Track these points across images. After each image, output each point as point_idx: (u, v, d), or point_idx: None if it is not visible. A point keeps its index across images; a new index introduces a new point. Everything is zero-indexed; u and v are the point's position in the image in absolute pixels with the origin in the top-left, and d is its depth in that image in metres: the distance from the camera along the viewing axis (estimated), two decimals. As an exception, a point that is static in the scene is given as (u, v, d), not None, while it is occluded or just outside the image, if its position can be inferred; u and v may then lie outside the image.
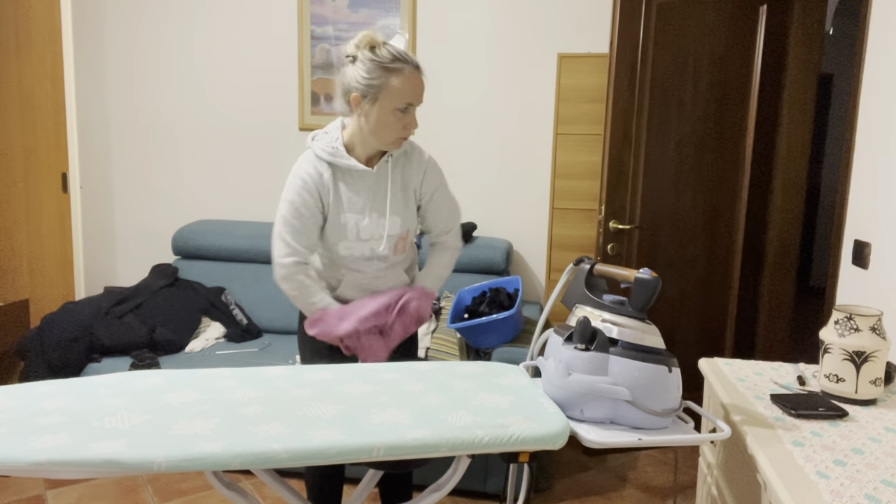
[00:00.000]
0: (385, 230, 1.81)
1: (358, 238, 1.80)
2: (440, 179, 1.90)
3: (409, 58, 1.69)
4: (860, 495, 1.07)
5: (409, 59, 1.69)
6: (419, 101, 1.72)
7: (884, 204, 2.00)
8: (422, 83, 1.72)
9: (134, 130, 3.66)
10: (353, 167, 1.76)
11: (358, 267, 1.84)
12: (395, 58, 1.67)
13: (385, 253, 1.83)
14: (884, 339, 1.47)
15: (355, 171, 1.78)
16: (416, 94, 1.70)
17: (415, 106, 1.72)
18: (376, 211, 1.80)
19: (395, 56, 1.67)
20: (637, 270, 1.36)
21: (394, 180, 1.83)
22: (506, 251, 3.15)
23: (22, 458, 1.05)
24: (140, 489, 2.61)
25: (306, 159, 1.79)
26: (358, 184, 1.79)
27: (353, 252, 1.81)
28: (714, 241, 3.06)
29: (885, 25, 2.06)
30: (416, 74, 1.69)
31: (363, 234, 1.80)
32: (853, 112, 2.22)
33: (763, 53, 2.96)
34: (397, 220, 1.83)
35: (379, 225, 1.80)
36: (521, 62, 3.29)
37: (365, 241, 1.80)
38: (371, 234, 1.81)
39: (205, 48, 3.54)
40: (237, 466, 1.09)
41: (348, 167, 1.76)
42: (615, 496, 2.63)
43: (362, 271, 1.85)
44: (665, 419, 1.30)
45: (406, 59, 1.68)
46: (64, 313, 2.82)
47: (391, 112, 1.69)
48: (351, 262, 1.83)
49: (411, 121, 1.73)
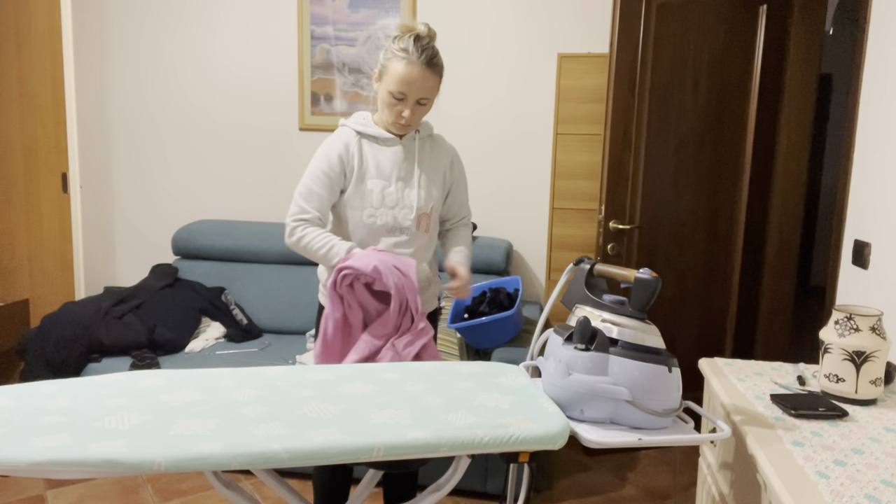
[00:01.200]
0: (410, 200, 1.86)
1: (383, 204, 1.85)
2: (463, 169, 2.02)
3: (418, 53, 1.75)
4: (860, 495, 1.07)
5: (416, 53, 1.75)
6: (414, 95, 1.77)
7: (884, 204, 2.00)
8: (420, 79, 1.76)
9: (134, 130, 3.66)
10: (380, 135, 1.86)
11: (379, 242, 1.86)
12: (404, 48, 1.76)
13: (408, 224, 1.86)
14: (884, 339, 1.47)
15: (381, 138, 1.87)
16: (409, 86, 1.76)
17: (409, 98, 1.78)
18: (402, 180, 1.87)
19: (406, 47, 1.76)
20: (637, 270, 1.36)
21: (421, 156, 1.91)
22: (506, 251, 3.15)
23: (22, 458, 1.05)
24: (140, 489, 2.61)
25: (338, 132, 1.90)
26: (385, 151, 1.87)
27: (377, 220, 1.85)
28: (714, 240, 3.06)
29: (885, 25, 2.06)
30: (417, 69, 1.75)
31: (388, 201, 1.85)
32: (853, 112, 2.22)
33: (763, 53, 2.96)
34: (423, 194, 1.89)
35: (405, 195, 1.86)
36: (521, 62, 3.29)
37: (390, 209, 1.85)
38: (396, 201, 1.86)
39: (205, 48, 3.54)
40: (237, 466, 1.09)
41: (376, 134, 1.86)
42: (615, 496, 2.63)
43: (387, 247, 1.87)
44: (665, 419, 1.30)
45: (414, 52, 1.75)
46: (64, 313, 2.82)
47: (387, 94, 1.79)
48: (373, 235, 1.85)
49: (407, 111, 1.79)
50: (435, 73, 1.80)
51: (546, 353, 1.43)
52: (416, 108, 1.81)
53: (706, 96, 2.91)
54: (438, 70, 1.81)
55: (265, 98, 3.53)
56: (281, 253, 3.29)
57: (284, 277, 3.26)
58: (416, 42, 1.76)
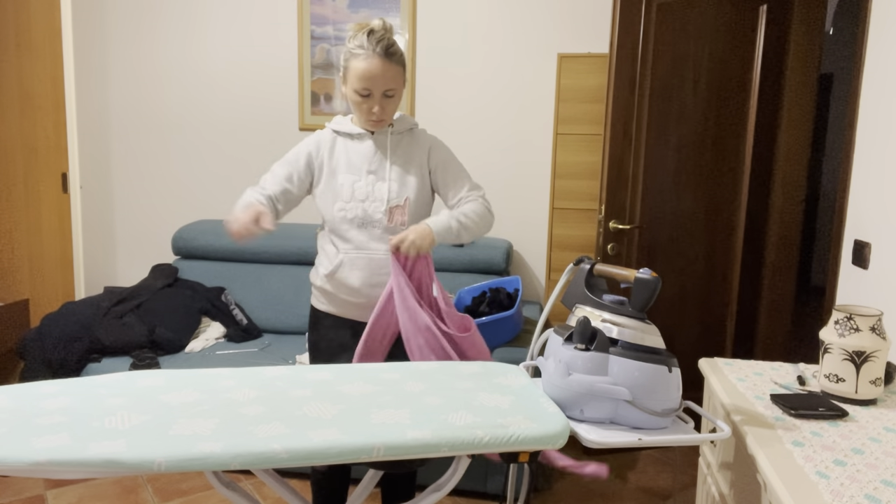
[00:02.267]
0: (381, 193, 1.86)
1: (353, 198, 1.86)
2: (448, 152, 1.98)
3: (374, 46, 1.75)
4: (860, 495, 1.07)
5: (372, 47, 1.75)
6: (378, 88, 1.78)
7: (884, 204, 2.00)
8: (381, 72, 1.76)
9: (134, 130, 3.66)
10: (353, 131, 1.89)
11: (353, 236, 1.86)
12: (359, 45, 1.76)
13: (379, 217, 1.86)
14: (884, 339, 1.47)
15: (354, 134, 1.90)
16: (372, 81, 1.76)
17: (374, 93, 1.79)
18: (373, 174, 1.88)
19: (361, 43, 1.76)
20: (637, 270, 1.36)
21: (394, 150, 1.91)
22: (506, 251, 3.15)
23: (22, 458, 1.05)
24: (140, 489, 2.61)
25: (315, 132, 1.96)
26: (357, 147, 1.90)
27: (348, 213, 1.86)
28: (714, 241, 3.06)
29: (885, 25, 2.06)
30: (375, 61, 1.75)
31: (358, 194, 1.86)
32: (853, 112, 2.22)
33: (763, 53, 2.96)
34: (394, 186, 1.88)
35: (375, 188, 1.87)
36: (521, 62, 3.29)
37: (360, 202, 1.86)
38: (367, 194, 1.87)
39: (205, 48, 3.54)
40: (237, 466, 1.09)
41: (349, 131, 1.90)
42: (615, 496, 2.63)
43: (356, 246, 1.87)
44: (665, 419, 1.30)
45: (370, 47, 1.75)
46: (64, 313, 2.82)
47: (353, 93, 1.81)
48: (345, 226, 1.87)
49: (376, 106, 1.80)
50: (395, 63, 1.79)
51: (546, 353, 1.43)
52: (385, 101, 1.81)
53: (706, 96, 2.91)
54: (398, 59, 1.80)
55: (265, 98, 3.53)
56: (281, 253, 3.29)
57: (284, 277, 3.26)
58: (370, 36, 1.76)
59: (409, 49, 3.35)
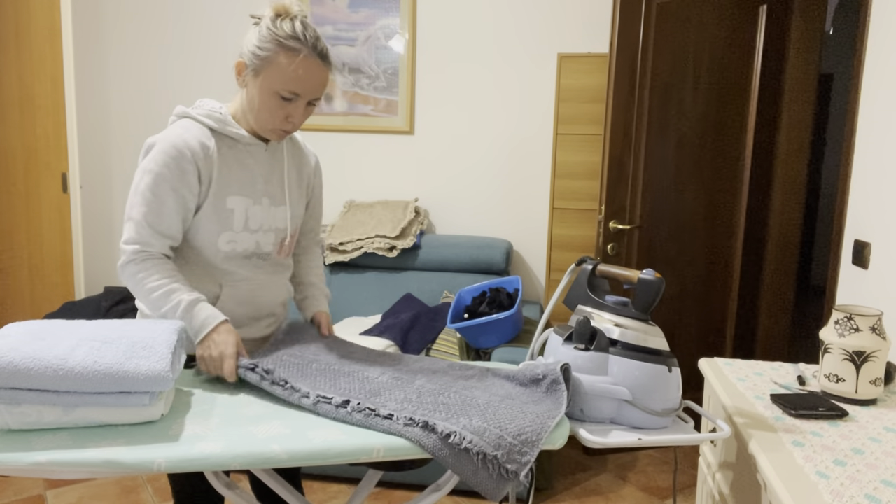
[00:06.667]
0: (277, 222, 1.55)
1: (245, 228, 1.49)
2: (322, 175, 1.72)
3: (313, 42, 1.40)
4: (860, 495, 1.07)
5: (310, 44, 1.39)
6: (311, 94, 1.43)
7: (884, 204, 2.00)
8: (319, 76, 1.42)
9: (134, 130, 3.66)
10: (244, 138, 1.47)
11: (236, 269, 1.51)
12: (293, 35, 1.37)
13: (269, 250, 1.55)
14: (884, 339, 1.47)
15: (245, 144, 1.49)
16: (305, 85, 1.40)
17: (304, 98, 1.42)
18: (268, 196, 1.52)
19: (296, 34, 1.38)
20: (640, 271, 1.36)
21: (289, 166, 1.58)
22: (506, 251, 3.15)
23: (22, 458, 1.05)
24: (140, 489, 2.61)
25: (183, 126, 1.44)
26: (248, 160, 1.49)
27: (237, 247, 1.49)
28: (714, 240, 3.06)
29: (885, 25, 2.06)
30: (313, 63, 1.40)
31: (251, 224, 1.50)
32: (853, 112, 2.22)
33: (763, 53, 2.96)
34: (289, 213, 1.57)
35: (270, 214, 1.53)
36: (521, 62, 3.29)
37: (252, 233, 1.51)
38: (260, 223, 1.52)
39: (204, 48, 3.54)
40: (237, 466, 1.09)
41: (238, 138, 1.47)
42: (615, 496, 2.63)
43: (242, 278, 1.53)
44: (665, 419, 1.30)
45: (308, 41, 1.39)
46: (64, 313, 2.82)
47: (272, 94, 1.41)
48: (228, 262, 1.50)
49: (296, 114, 1.44)
50: (329, 68, 1.45)
51: (546, 352, 1.43)
52: (307, 110, 1.46)
53: (706, 96, 2.91)
54: (330, 64, 1.45)
55: (265, 98, 3.53)
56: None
57: (284, 277, 3.25)
58: (299, 26, 1.39)
59: (409, 49, 3.35)
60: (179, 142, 1.41)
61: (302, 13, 1.42)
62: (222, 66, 3.54)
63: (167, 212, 1.40)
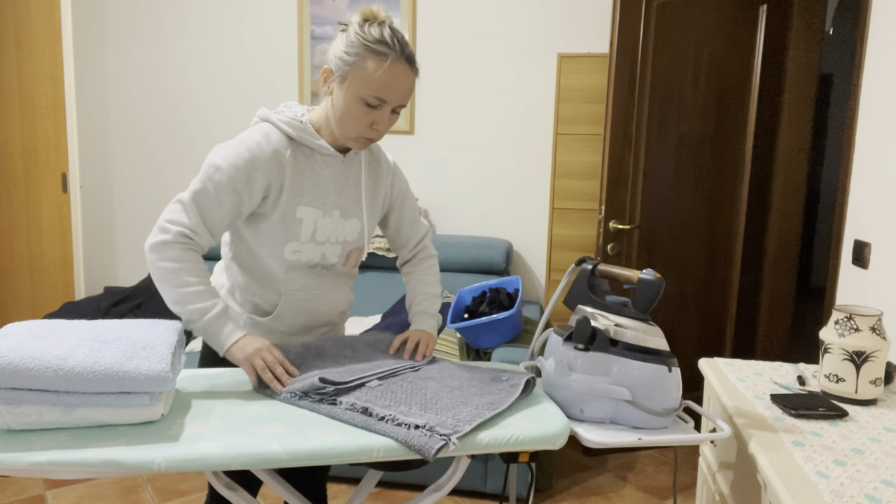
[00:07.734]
0: (346, 234, 1.52)
1: (312, 239, 1.48)
2: (406, 182, 1.67)
3: (400, 47, 1.37)
4: (860, 495, 1.07)
5: (398, 48, 1.36)
6: (397, 101, 1.40)
7: (884, 204, 2.00)
8: (407, 82, 1.39)
9: (134, 130, 3.66)
10: (322, 149, 1.45)
11: (297, 279, 1.50)
12: (381, 40, 1.35)
13: (335, 261, 1.54)
14: (884, 339, 1.47)
15: (323, 155, 1.47)
16: (392, 91, 1.37)
17: (390, 105, 1.39)
18: (339, 209, 1.49)
19: (384, 39, 1.35)
20: (640, 271, 1.36)
21: (366, 178, 1.55)
22: (506, 251, 3.15)
23: (22, 458, 1.05)
24: (140, 489, 2.61)
25: (262, 132, 1.43)
26: (323, 171, 1.47)
27: (301, 258, 1.48)
28: (714, 241, 3.06)
29: (885, 25, 2.06)
30: (401, 68, 1.37)
31: (319, 235, 1.48)
32: (853, 112, 2.22)
33: (763, 53, 2.96)
34: (361, 227, 1.55)
35: (339, 227, 1.50)
36: (521, 62, 3.29)
37: (319, 244, 1.49)
38: (328, 235, 1.49)
39: (205, 48, 3.54)
40: (237, 466, 1.10)
41: (316, 148, 1.45)
42: (615, 496, 2.63)
43: (303, 286, 1.52)
44: (665, 419, 1.30)
45: (395, 46, 1.36)
46: (64, 313, 2.82)
47: (357, 101, 1.37)
48: (291, 271, 1.49)
49: (382, 121, 1.41)
50: (415, 74, 1.42)
51: (546, 352, 1.43)
52: (391, 118, 1.42)
53: (706, 96, 2.91)
54: (417, 70, 1.43)
55: (265, 98, 3.53)
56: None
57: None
58: (393, 34, 1.37)
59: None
60: (256, 148, 1.39)
61: (389, 18, 1.40)
62: (223, 65, 3.54)
63: (221, 210, 1.38)
